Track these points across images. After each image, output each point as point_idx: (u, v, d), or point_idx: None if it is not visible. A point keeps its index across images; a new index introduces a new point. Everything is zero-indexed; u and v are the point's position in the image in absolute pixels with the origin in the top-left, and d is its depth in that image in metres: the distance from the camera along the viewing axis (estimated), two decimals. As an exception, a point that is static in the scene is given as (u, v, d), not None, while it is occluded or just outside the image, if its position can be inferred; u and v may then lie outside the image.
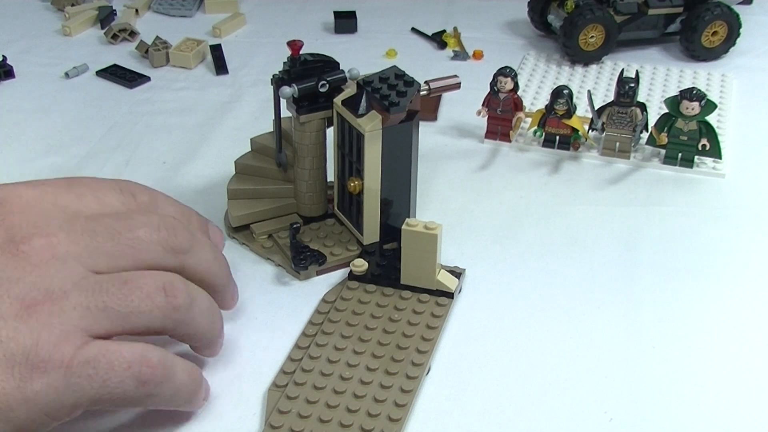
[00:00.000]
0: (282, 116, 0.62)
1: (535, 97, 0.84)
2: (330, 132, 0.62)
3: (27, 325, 0.41)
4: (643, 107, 0.73)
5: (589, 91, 0.75)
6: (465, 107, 0.79)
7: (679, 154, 0.72)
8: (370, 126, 0.57)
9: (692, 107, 0.69)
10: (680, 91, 0.70)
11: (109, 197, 0.48)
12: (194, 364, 0.48)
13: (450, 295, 0.57)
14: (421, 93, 0.60)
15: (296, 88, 0.59)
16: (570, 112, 0.73)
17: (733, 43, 0.92)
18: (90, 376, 0.42)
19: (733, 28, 0.91)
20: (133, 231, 0.46)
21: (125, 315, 0.44)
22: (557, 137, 0.75)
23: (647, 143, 0.74)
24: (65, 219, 0.45)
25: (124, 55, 0.93)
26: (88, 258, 0.44)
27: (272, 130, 0.64)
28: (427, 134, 0.74)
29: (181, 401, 0.47)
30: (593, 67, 0.90)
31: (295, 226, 0.60)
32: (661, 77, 0.88)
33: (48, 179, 0.48)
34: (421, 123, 0.61)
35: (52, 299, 0.42)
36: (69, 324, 0.42)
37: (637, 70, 0.77)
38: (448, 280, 0.57)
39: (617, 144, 0.74)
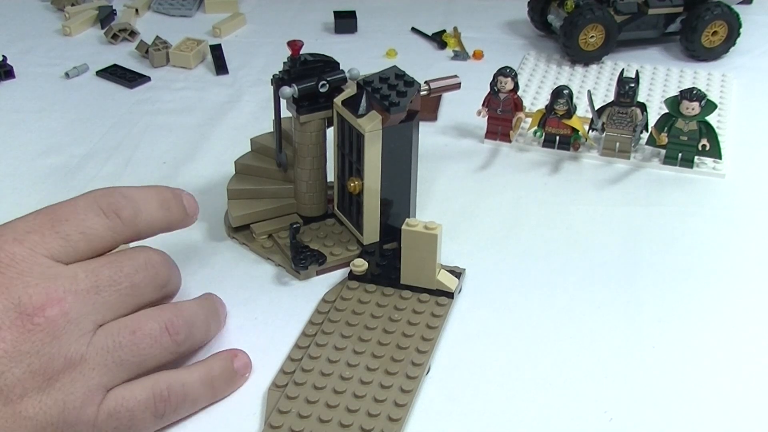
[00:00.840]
0: (282, 116, 0.62)
1: (535, 97, 0.84)
2: (330, 132, 0.62)
3: (51, 397, 0.43)
4: (643, 107, 0.73)
5: (589, 91, 0.75)
6: (465, 107, 0.79)
7: (679, 154, 0.72)
8: (370, 126, 0.57)
9: (692, 107, 0.69)
10: (680, 91, 0.70)
11: (94, 227, 0.48)
12: (200, 359, 0.52)
13: (450, 295, 0.57)
14: (421, 93, 0.60)
15: (296, 88, 0.59)
16: (570, 112, 0.73)
17: (733, 43, 0.92)
18: (116, 427, 0.46)
19: (733, 28, 0.91)
20: (130, 278, 0.48)
21: (138, 363, 0.47)
22: (557, 137, 0.75)
23: (647, 143, 0.74)
24: (68, 278, 0.46)
25: (124, 55, 0.93)
26: (97, 315, 0.46)
27: (272, 130, 0.64)
28: (427, 134, 0.73)
29: (203, 402, 0.50)
30: (593, 67, 0.90)
31: (295, 226, 0.60)
32: (661, 77, 0.88)
33: (28, 218, 0.48)
34: (421, 123, 0.61)
35: (72, 365, 0.44)
36: (90, 384, 0.45)
37: (637, 70, 0.76)
38: (448, 280, 0.57)
39: (617, 144, 0.74)
